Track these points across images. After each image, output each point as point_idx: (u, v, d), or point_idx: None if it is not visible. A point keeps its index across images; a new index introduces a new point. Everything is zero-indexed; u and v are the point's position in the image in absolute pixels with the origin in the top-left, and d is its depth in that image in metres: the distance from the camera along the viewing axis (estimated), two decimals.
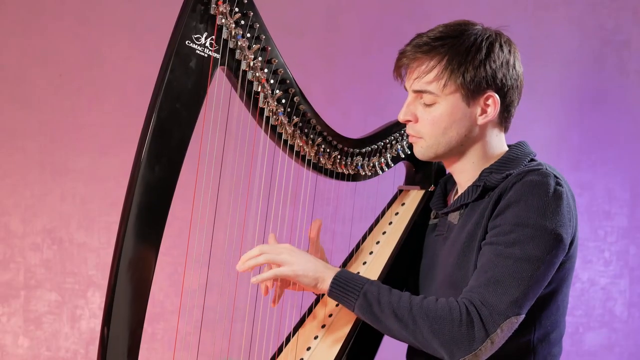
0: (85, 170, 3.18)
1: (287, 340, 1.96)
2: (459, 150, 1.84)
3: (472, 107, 1.80)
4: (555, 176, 1.75)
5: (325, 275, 1.79)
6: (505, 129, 1.88)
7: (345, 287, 1.77)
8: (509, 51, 1.81)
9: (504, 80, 1.80)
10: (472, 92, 1.79)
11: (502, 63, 1.79)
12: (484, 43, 1.78)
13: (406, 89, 1.86)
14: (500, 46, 1.80)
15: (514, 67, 1.81)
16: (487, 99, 1.80)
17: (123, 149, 3.07)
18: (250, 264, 1.80)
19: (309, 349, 1.90)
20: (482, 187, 1.81)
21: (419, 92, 1.82)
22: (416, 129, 1.84)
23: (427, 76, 1.79)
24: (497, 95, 1.80)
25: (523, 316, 1.71)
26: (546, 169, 1.76)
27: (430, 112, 1.81)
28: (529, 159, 1.84)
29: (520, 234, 1.70)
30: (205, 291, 1.93)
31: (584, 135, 3.53)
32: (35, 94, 3.15)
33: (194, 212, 1.80)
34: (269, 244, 1.86)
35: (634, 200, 3.55)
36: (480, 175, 1.83)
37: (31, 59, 3.15)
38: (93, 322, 3.16)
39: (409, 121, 1.85)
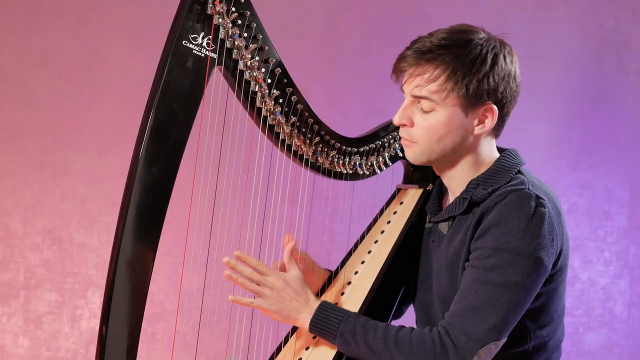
0: (85, 170, 3.18)
1: (286, 340, 1.96)
2: (452, 157, 1.84)
3: (470, 117, 1.79)
4: (537, 196, 1.73)
5: (303, 317, 1.82)
6: (497, 136, 1.87)
7: (322, 328, 1.81)
8: (511, 62, 1.80)
9: (504, 93, 1.78)
10: (473, 103, 1.77)
11: (504, 76, 1.77)
12: (489, 55, 1.76)
13: (403, 91, 1.85)
14: (504, 58, 1.78)
15: (514, 79, 1.80)
16: (486, 110, 1.79)
17: (123, 149, 3.06)
18: (233, 280, 1.82)
19: (307, 348, 1.90)
20: (469, 201, 1.81)
21: (417, 97, 1.80)
22: (410, 133, 1.83)
23: (430, 85, 1.77)
24: (496, 107, 1.79)
25: (503, 340, 1.72)
26: (528, 188, 1.75)
27: (427, 119, 1.80)
28: (515, 170, 1.82)
29: (500, 259, 1.70)
30: (204, 291, 1.93)
31: (584, 135, 3.53)
32: (35, 94, 3.16)
33: (192, 212, 1.80)
34: (258, 273, 1.84)
35: (634, 200, 3.55)
36: (468, 186, 1.83)
37: (31, 59, 3.15)
38: (93, 322, 3.16)
39: (404, 125, 1.83)
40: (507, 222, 1.70)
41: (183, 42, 1.72)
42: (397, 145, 2.06)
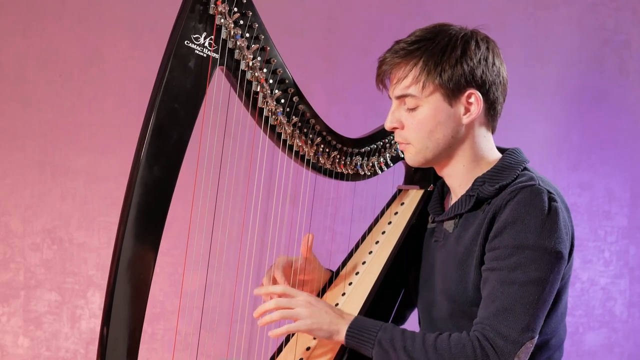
0: (85, 170, 3.18)
1: (287, 340, 1.96)
2: (447, 153, 1.84)
3: (455, 107, 1.80)
4: (548, 191, 1.74)
5: (340, 328, 1.79)
6: (493, 129, 1.87)
7: (360, 337, 1.77)
8: (487, 48, 1.80)
9: (483, 77, 1.79)
10: (452, 91, 1.78)
11: (479, 60, 1.78)
12: (459, 42, 1.78)
13: (390, 97, 1.86)
14: (477, 43, 1.79)
15: (494, 64, 1.81)
16: (468, 97, 1.80)
17: (123, 149, 3.07)
18: (266, 320, 1.80)
19: (308, 349, 1.90)
20: (476, 198, 1.81)
21: (401, 98, 1.82)
22: (403, 135, 1.84)
23: (406, 80, 1.79)
24: (478, 93, 1.79)
25: (537, 337, 1.71)
26: (539, 184, 1.75)
27: (415, 117, 1.81)
28: (521, 167, 1.83)
29: (521, 257, 1.70)
30: (205, 292, 1.93)
31: (584, 135, 3.53)
32: (35, 94, 3.15)
33: (194, 213, 1.80)
34: (285, 297, 1.81)
35: (634, 200, 3.55)
36: (474, 184, 1.83)
37: (31, 59, 3.15)
38: (93, 322, 3.16)
39: (396, 128, 1.85)
40: (524, 220, 1.71)
41: (185, 42, 1.72)
42: (398, 146, 2.06)
